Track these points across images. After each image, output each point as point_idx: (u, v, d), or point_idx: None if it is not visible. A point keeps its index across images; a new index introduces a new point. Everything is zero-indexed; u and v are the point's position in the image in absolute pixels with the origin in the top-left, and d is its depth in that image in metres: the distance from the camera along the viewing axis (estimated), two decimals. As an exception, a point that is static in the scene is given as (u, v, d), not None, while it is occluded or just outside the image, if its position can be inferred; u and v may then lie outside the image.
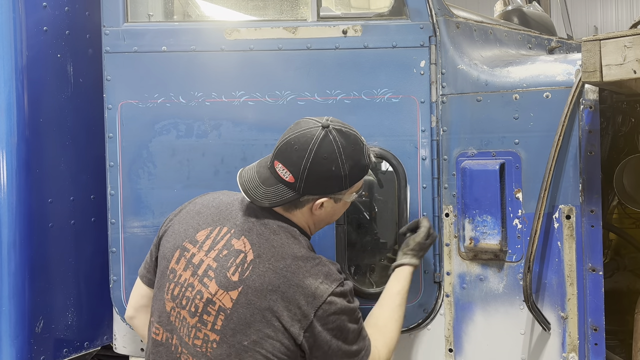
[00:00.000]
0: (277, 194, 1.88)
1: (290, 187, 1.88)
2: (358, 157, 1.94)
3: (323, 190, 1.92)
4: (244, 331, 1.77)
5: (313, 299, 1.78)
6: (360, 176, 1.99)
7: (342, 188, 1.94)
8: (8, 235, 2.42)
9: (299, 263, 1.83)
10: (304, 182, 1.86)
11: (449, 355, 2.44)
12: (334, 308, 1.80)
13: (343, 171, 1.89)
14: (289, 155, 1.88)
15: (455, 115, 2.41)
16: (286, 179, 1.87)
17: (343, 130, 1.93)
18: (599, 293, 2.25)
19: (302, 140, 1.88)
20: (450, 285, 2.43)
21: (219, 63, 2.45)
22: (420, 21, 2.42)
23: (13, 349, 2.42)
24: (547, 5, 4.11)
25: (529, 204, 2.31)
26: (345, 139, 1.91)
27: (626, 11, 16.41)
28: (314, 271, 1.83)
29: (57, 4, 2.59)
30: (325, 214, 1.99)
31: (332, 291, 1.80)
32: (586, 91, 2.25)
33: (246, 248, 1.85)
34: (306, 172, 1.86)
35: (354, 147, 1.93)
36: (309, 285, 1.79)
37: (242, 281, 1.79)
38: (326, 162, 1.87)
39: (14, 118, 2.42)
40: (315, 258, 1.87)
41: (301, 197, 1.90)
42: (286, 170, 1.87)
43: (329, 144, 1.88)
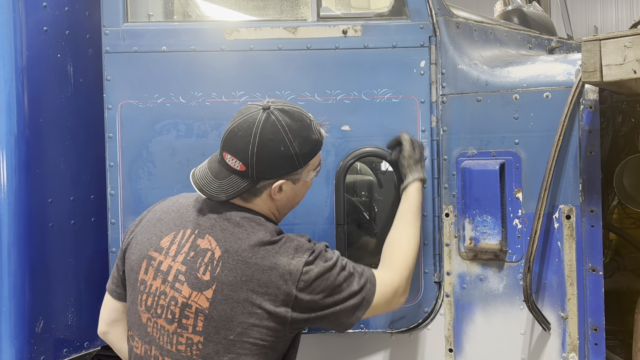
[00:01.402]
0: (232, 185, 1.85)
1: (243, 176, 1.84)
2: (306, 134, 1.89)
3: (277, 172, 1.87)
4: (227, 326, 1.75)
5: (290, 276, 1.77)
6: (314, 152, 1.94)
7: (296, 167, 1.89)
8: (8, 235, 2.42)
9: (267, 247, 1.80)
10: (255, 167, 1.82)
11: (449, 355, 2.44)
12: (313, 275, 1.80)
13: (293, 149, 1.85)
14: (234, 143, 1.84)
15: (455, 115, 2.41)
16: (237, 168, 1.83)
17: (286, 109, 1.88)
18: (599, 293, 2.25)
19: (245, 126, 1.83)
20: (450, 285, 2.43)
21: (219, 63, 2.45)
22: (420, 21, 2.42)
23: (13, 349, 2.42)
24: (547, 5, 4.11)
25: (529, 204, 2.31)
26: (289, 117, 1.86)
27: (626, 11, 16.41)
28: (282, 250, 1.81)
29: (57, 4, 2.58)
30: (287, 197, 1.95)
31: (305, 261, 1.80)
32: (586, 91, 2.25)
33: (212, 245, 1.82)
34: (255, 158, 1.82)
35: (299, 124, 1.87)
36: (282, 264, 1.78)
37: (215, 279, 1.77)
38: (273, 143, 1.82)
39: (14, 118, 2.42)
40: (281, 237, 1.85)
41: (257, 184, 1.86)
42: (235, 159, 1.83)
43: (273, 124, 1.83)
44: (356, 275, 1.90)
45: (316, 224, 2.41)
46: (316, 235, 2.41)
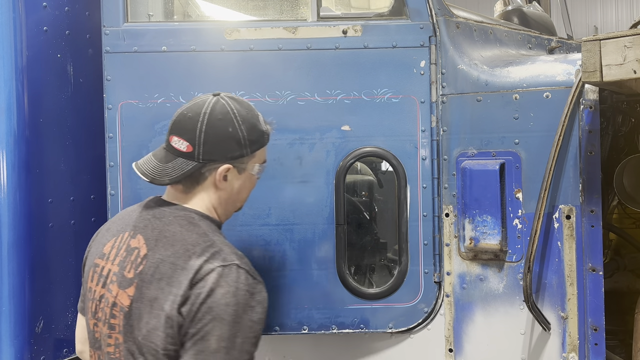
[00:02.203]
0: (176, 168, 1.81)
1: (189, 157, 1.80)
2: (254, 121, 1.88)
3: (223, 153, 1.82)
4: (137, 325, 1.70)
5: (193, 276, 1.66)
6: (261, 142, 1.91)
7: (243, 153, 1.85)
8: (8, 235, 2.42)
9: (188, 247, 1.72)
10: (202, 146, 1.79)
11: (449, 355, 2.44)
12: (208, 287, 1.64)
13: (241, 132, 1.83)
14: (183, 125, 1.82)
15: (455, 115, 2.41)
16: (183, 149, 1.80)
17: (235, 98, 1.89)
18: (599, 293, 2.25)
19: (194, 108, 1.83)
20: (450, 285, 2.43)
21: (219, 63, 2.45)
22: (420, 21, 2.42)
23: (13, 349, 2.42)
24: (547, 5, 4.11)
25: (529, 204, 2.31)
26: (238, 104, 1.88)
27: (626, 11, 16.40)
28: (200, 251, 1.71)
29: (57, 4, 2.58)
30: (231, 190, 1.89)
31: (213, 268, 1.67)
32: (586, 91, 2.25)
33: (140, 244, 1.79)
34: (203, 136, 1.79)
35: (248, 111, 1.88)
36: (192, 265, 1.68)
37: (137, 276, 1.74)
38: (222, 123, 1.81)
39: (14, 118, 2.42)
40: (208, 241, 1.75)
41: (203, 168, 1.82)
42: (182, 140, 1.80)
43: (222, 106, 1.83)
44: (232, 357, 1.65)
45: (316, 224, 2.41)
46: (316, 235, 2.41)
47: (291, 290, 2.42)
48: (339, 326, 2.43)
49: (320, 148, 2.42)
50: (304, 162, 2.42)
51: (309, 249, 2.41)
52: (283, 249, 2.42)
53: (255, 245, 2.42)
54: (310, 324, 2.43)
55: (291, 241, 2.42)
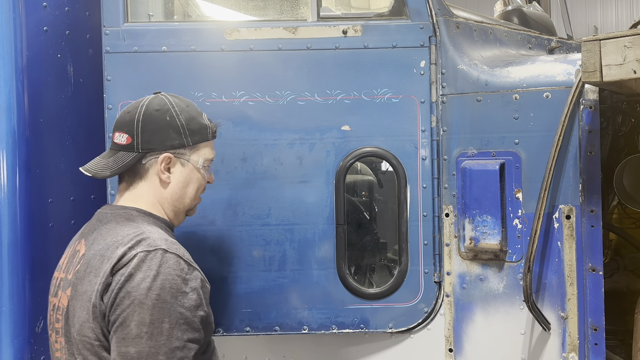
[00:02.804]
0: (118, 160, 1.85)
1: (129, 149, 1.84)
2: (194, 114, 1.92)
3: (162, 141, 1.85)
4: (72, 322, 1.70)
5: (116, 263, 1.66)
6: (203, 135, 1.93)
7: (183, 143, 1.88)
8: (8, 235, 2.41)
9: (118, 239, 1.72)
10: (140, 136, 1.83)
11: (449, 355, 2.44)
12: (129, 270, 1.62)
13: (179, 121, 1.87)
14: (122, 120, 1.88)
15: (455, 115, 2.41)
16: (123, 142, 1.84)
17: (177, 96, 1.96)
18: (599, 293, 2.25)
19: (134, 104, 1.91)
20: (450, 285, 2.43)
21: (219, 63, 2.45)
22: (420, 21, 2.42)
23: (13, 349, 2.42)
24: (547, 5, 4.11)
25: (529, 204, 2.31)
26: (177, 99, 1.93)
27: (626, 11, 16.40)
28: (127, 240, 1.71)
29: (57, 4, 2.58)
30: (176, 183, 1.89)
31: (135, 253, 1.65)
32: (586, 91, 2.25)
33: (81, 246, 1.81)
34: (140, 126, 1.84)
35: (187, 106, 1.93)
36: (118, 253, 1.67)
37: (74, 275, 1.75)
38: (159, 113, 1.86)
39: (14, 118, 2.42)
40: (139, 231, 1.74)
41: (143, 158, 1.85)
42: (121, 133, 1.85)
43: (160, 99, 1.90)
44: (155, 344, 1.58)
45: (316, 224, 2.41)
46: (316, 235, 2.41)
47: (291, 290, 2.42)
48: (339, 326, 2.43)
49: (320, 148, 2.42)
50: (304, 162, 2.42)
51: (309, 249, 2.42)
52: (283, 249, 2.42)
53: (255, 245, 2.42)
54: (310, 324, 2.43)
55: (291, 241, 2.42)
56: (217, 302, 2.42)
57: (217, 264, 2.42)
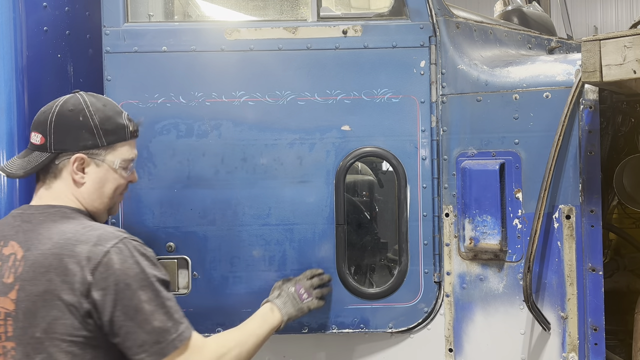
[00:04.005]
0: (32, 160, 1.86)
1: (43, 149, 1.85)
2: (111, 114, 1.91)
3: (74, 142, 1.85)
4: (32, 323, 1.69)
5: (87, 262, 1.68)
6: (119, 135, 1.92)
7: (97, 144, 1.87)
8: (8, 235, 2.41)
9: (68, 236, 1.74)
10: (53, 136, 1.83)
11: (449, 355, 2.44)
12: (112, 268, 1.69)
13: (92, 121, 1.86)
14: (38, 119, 1.89)
15: (455, 115, 2.41)
16: (38, 142, 1.86)
17: (95, 95, 1.95)
18: (599, 293, 2.25)
19: (50, 104, 1.91)
20: (450, 285, 2.43)
21: (219, 63, 2.45)
22: (420, 21, 2.42)
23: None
24: (547, 5, 4.11)
25: (529, 204, 2.31)
26: (95, 99, 1.93)
27: (626, 11, 16.40)
28: (84, 238, 1.73)
29: (57, 4, 2.58)
30: (92, 183, 1.89)
31: (107, 250, 1.70)
32: (586, 91, 2.25)
33: (15, 249, 1.78)
34: (52, 126, 1.84)
35: (105, 104, 1.92)
36: (81, 252, 1.70)
37: (17, 278, 1.73)
38: (72, 113, 1.85)
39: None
40: (86, 226, 1.78)
41: (56, 159, 1.85)
42: (37, 134, 1.86)
43: (76, 99, 1.89)
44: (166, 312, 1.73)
45: (316, 224, 2.41)
46: (316, 235, 2.42)
47: (291, 290, 2.42)
48: (339, 326, 2.43)
49: (320, 148, 2.42)
50: (304, 162, 2.42)
51: (309, 249, 2.42)
52: (283, 249, 2.42)
53: (255, 245, 2.42)
54: (310, 324, 2.43)
55: (291, 241, 2.42)
56: (217, 302, 2.42)
57: (217, 263, 2.42)
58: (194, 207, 2.42)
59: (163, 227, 2.42)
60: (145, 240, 2.38)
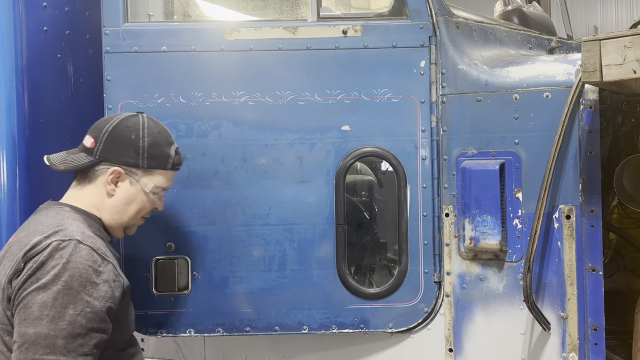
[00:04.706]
0: (75, 159, 1.96)
1: (89, 153, 1.95)
2: (162, 142, 2.01)
3: (118, 155, 1.95)
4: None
5: (28, 251, 1.70)
6: (162, 162, 2.01)
7: (138, 163, 1.96)
8: (7, 235, 2.41)
9: (39, 227, 1.78)
10: (102, 144, 1.94)
11: (449, 355, 2.44)
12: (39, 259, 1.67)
13: (141, 142, 1.96)
14: (97, 125, 2.00)
15: (455, 115, 2.41)
16: (88, 144, 1.96)
17: (156, 121, 2.06)
18: (599, 293, 2.25)
19: (112, 115, 2.05)
20: (450, 285, 2.43)
21: (219, 63, 2.45)
22: (420, 21, 2.42)
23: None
24: (547, 5, 4.11)
25: (529, 204, 2.31)
26: (155, 124, 2.03)
27: (626, 11, 16.39)
28: (46, 229, 1.76)
29: (57, 4, 2.58)
30: (120, 197, 1.96)
31: (49, 243, 1.70)
32: (586, 91, 2.25)
33: (10, 240, 1.88)
34: (106, 135, 1.94)
35: (160, 132, 2.02)
36: (31, 241, 1.73)
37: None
38: (128, 130, 1.96)
39: (14, 118, 2.42)
40: (60, 223, 1.79)
41: (97, 165, 1.94)
42: (90, 136, 1.97)
43: (136, 119, 2.00)
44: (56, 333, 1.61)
45: (316, 224, 2.41)
46: (316, 235, 2.41)
47: (291, 290, 2.42)
48: (339, 326, 2.43)
49: (320, 148, 2.42)
50: (304, 162, 2.42)
51: (309, 249, 2.42)
52: (283, 249, 2.42)
53: (255, 245, 2.42)
54: (310, 324, 2.43)
55: (291, 241, 2.42)
56: (217, 302, 2.42)
57: (217, 263, 2.42)
58: (194, 207, 2.42)
59: (163, 227, 2.42)
60: (145, 240, 2.40)
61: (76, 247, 1.71)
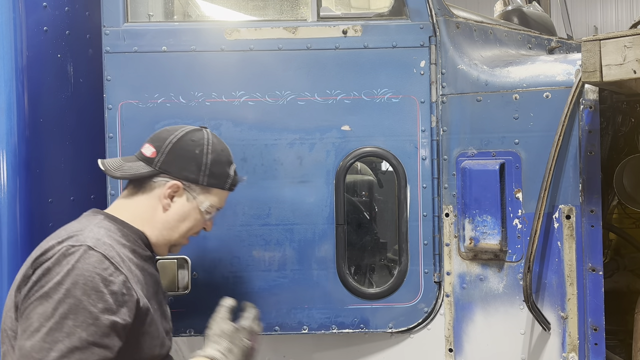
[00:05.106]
0: (133, 167, 1.86)
1: (149, 162, 1.86)
2: (224, 160, 1.94)
3: (179, 170, 1.86)
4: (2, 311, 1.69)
5: (39, 256, 1.61)
6: (220, 181, 1.93)
7: (198, 179, 1.88)
8: (8, 235, 2.41)
9: (60, 232, 1.70)
10: (164, 155, 1.85)
11: (449, 355, 2.44)
12: (45, 264, 1.57)
13: (205, 159, 1.88)
14: (159, 135, 1.92)
15: (455, 115, 2.41)
16: (148, 154, 1.87)
17: (219, 137, 1.98)
18: (599, 293, 2.25)
19: (178, 126, 1.95)
20: (450, 285, 2.43)
21: (219, 63, 2.45)
22: (420, 21, 2.42)
23: (13, 349, 2.42)
24: (547, 5, 4.11)
25: (529, 204, 2.31)
26: (218, 141, 1.96)
27: (626, 11, 16.39)
28: (63, 235, 1.66)
29: (57, 4, 2.58)
30: (174, 213, 1.87)
31: (59, 248, 1.59)
32: (586, 91, 2.25)
33: None
34: (169, 147, 1.86)
35: (222, 150, 1.95)
36: (46, 245, 1.64)
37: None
38: (192, 144, 1.89)
39: (14, 118, 2.42)
40: (80, 230, 1.68)
41: (156, 177, 1.85)
42: (150, 145, 1.88)
43: (201, 134, 1.93)
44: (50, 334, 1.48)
45: (316, 224, 2.41)
46: (316, 235, 2.41)
47: (291, 290, 2.42)
48: (339, 326, 2.43)
49: (320, 148, 2.42)
50: (304, 162, 2.42)
51: (309, 249, 2.42)
52: (283, 249, 2.42)
53: (255, 245, 2.42)
54: (310, 324, 2.43)
55: (291, 241, 2.42)
56: (217, 302, 2.42)
57: (217, 263, 2.42)
58: (194, 207, 2.42)
59: (163, 227, 2.41)
60: (145, 240, 2.39)
61: (85, 253, 1.58)
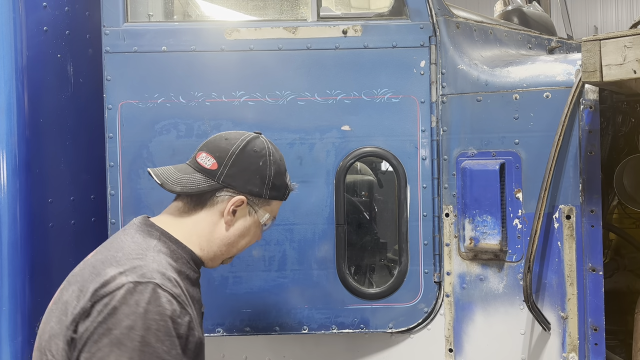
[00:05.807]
0: (193, 181, 1.69)
1: (209, 175, 1.70)
2: (282, 170, 1.81)
3: (244, 183, 1.72)
4: (45, 329, 1.56)
5: (99, 288, 1.47)
6: (280, 193, 1.81)
7: (262, 193, 1.75)
8: (8, 235, 2.41)
9: (117, 254, 1.56)
10: (228, 168, 1.70)
11: (449, 355, 2.44)
12: (110, 306, 1.44)
13: (268, 171, 1.75)
14: (217, 143, 1.75)
15: (455, 115, 2.41)
16: (208, 166, 1.70)
17: (274, 144, 1.83)
18: (599, 293, 2.25)
19: (234, 134, 1.79)
20: (450, 285, 2.43)
21: (219, 63, 2.45)
22: (420, 21, 2.42)
23: (13, 348, 2.42)
24: (547, 5, 4.11)
25: (529, 204, 2.31)
26: (275, 149, 1.81)
27: (626, 11, 16.40)
28: (123, 262, 1.53)
29: (57, 4, 2.58)
30: (235, 229, 1.75)
31: (124, 284, 1.46)
32: (586, 91, 2.25)
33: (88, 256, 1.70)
34: (233, 159, 1.71)
35: (280, 159, 1.82)
36: (107, 273, 1.49)
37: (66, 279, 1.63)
38: (255, 155, 1.73)
39: (14, 118, 2.42)
40: (141, 254, 1.57)
41: (218, 191, 1.70)
42: (210, 157, 1.72)
43: (261, 142, 1.78)
44: None
45: (316, 224, 2.41)
46: (316, 235, 2.41)
47: (291, 290, 2.42)
48: (339, 326, 2.43)
49: (320, 148, 2.42)
50: (304, 162, 2.42)
51: (309, 249, 2.42)
52: (283, 249, 2.42)
53: (255, 245, 2.41)
54: (310, 324, 2.43)
55: (291, 241, 2.42)
56: (218, 302, 2.42)
57: (217, 264, 2.42)
58: (194, 207, 2.41)
59: (163, 227, 2.41)
60: (145, 240, 2.39)
61: (154, 294, 1.46)
